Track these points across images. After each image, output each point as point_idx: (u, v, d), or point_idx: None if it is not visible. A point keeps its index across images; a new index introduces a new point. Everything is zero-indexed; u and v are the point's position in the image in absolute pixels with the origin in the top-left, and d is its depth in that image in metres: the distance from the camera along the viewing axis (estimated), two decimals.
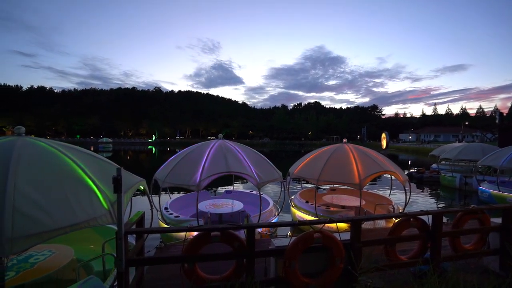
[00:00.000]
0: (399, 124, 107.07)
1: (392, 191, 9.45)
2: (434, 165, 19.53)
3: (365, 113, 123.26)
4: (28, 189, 2.54)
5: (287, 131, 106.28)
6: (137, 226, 3.19)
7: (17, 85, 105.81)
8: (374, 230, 6.10)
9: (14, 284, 2.98)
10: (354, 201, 7.68)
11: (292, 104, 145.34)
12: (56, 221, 2.45)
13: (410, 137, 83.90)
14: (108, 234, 4.59)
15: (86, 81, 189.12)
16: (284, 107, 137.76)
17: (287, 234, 6.52)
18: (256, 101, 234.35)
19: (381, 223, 6.59)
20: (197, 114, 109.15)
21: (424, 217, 3.57)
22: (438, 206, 11.75)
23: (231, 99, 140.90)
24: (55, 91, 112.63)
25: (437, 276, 2.75)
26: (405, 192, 6.87)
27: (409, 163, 32.51)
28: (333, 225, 4.86)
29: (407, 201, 6.90)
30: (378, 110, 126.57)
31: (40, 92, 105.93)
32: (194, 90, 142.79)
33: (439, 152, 18.47)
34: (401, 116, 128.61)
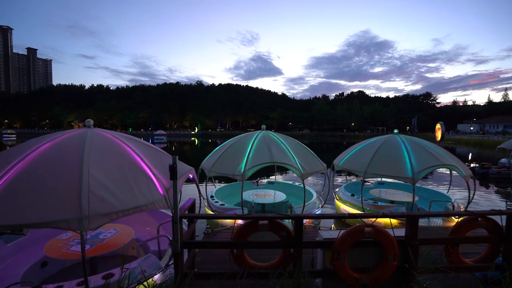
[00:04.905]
0: (458, 113, 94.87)
1: (450, 187, 8.52)
2: (503, 160, 17.08)
3: (416, 101, 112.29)
4: (99, 174, 2.87)
5: (328, 122, 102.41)
6: (189, 212, 3.39)
7: (81, 85, 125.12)
8: (429, 229, 5.61)
9: (89, 256, 3.43)
10: (405, 197, 7.12)
11: (334, 94, 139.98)
12: (122, 203, 2.73)
13: (471, 128, 74.02)
14: (160, 218, 4.99)
15: (136, 78, 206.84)
16: (325, 97, 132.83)
17: (331, 227, 6.34)
18: (296, 91, 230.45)
19: (437, 222, 6.02)
20: (237, 106, 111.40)
21: (496, 218, 3.15)
22: (508, 206, 10.28)
23: (270, 91, 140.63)
24: (111, 88, 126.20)
25: None
26: (468, 189, 6.14)
27: (470, 157, 28.90)
28: (382, 220, 4.56)
29: (470, 199, 6.16)
30: (432, 98, 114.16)
31: (99, 90, 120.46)
32: (234, 82, 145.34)
33: (510, 144, 16.05)
34: (461, 104, 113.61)
